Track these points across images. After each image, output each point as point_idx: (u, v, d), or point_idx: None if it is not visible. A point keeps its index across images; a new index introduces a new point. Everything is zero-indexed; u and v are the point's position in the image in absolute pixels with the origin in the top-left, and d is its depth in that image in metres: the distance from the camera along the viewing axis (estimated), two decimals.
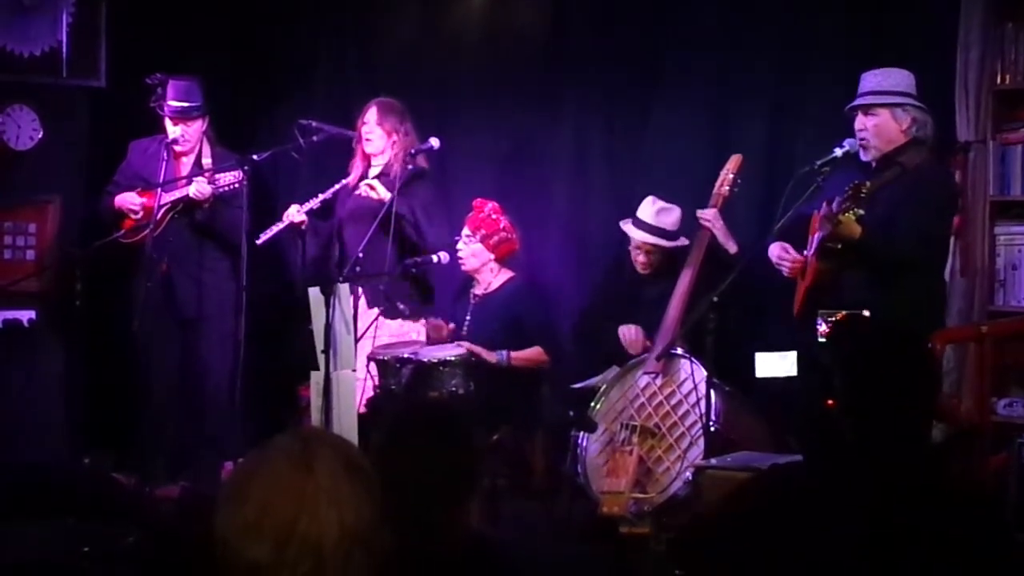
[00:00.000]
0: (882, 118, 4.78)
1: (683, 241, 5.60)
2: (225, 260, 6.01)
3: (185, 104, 5.93)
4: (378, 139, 5.87)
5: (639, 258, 5.68)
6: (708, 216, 5.41)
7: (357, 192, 5.92)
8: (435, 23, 6.76)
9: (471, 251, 5.80)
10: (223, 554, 1.82)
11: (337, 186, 5.95)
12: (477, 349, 5.53)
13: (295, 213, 5.86)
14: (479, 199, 5.86)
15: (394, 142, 5.86)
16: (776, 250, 4.96)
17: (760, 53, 5.91)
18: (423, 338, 5.81)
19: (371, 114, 5.88)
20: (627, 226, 5.67)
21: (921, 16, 5.45)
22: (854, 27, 5.65)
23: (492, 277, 5.86)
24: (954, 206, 5.02)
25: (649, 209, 5.64)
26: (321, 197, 5.91)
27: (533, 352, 5.68)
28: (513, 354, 5.60)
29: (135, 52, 6.44)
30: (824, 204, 4.66)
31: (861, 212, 4.52)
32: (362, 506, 1.84)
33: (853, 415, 2.55)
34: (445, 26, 6.73)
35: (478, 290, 5.89)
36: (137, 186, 6.01)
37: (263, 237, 5.85)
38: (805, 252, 4.88)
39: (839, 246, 4.62)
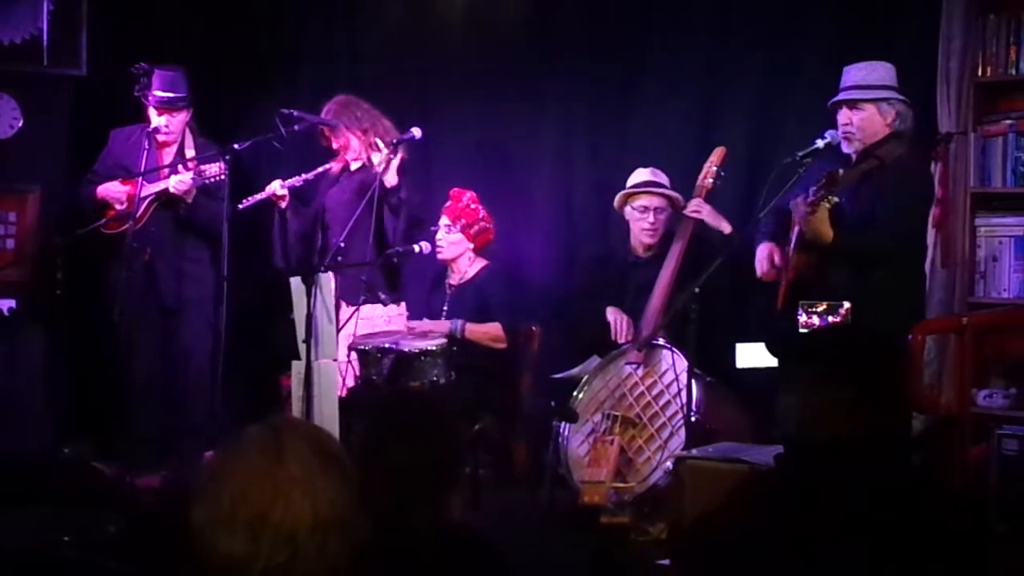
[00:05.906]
0: (868, 112, 4.80)
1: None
2: (207, 250, 6.01)
3: (171, 95, 5.91)
4: (342, 140, 5.93)
5: (646, 221, 5.61)
6: (695, 206, 5.42)
7: (340, 181, 5.94)
8: (419, 13, 6.74)
9: (450, 240, 5.79)
10: (200, 545, 1.82)
11: (321, 169, 5.98)
12: (425, 324, 5.60)
13: (277, 187, 5.93)
14: (456, 189, 5.87)
15: (357, 135, 5.89)
16: (764, 250, 4.97)
17: (744, 45, 5.90)
18: (399, 325, 5.84)
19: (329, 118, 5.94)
20: (636, 194, 5.64)
21: (903, 7, 5.46)
22: (837, 19, 5.66)
23: (468, 266, 5.86)
24: (931, 200, 5.05)
25: (643, 172, 5.66)
26: (304, 176, 5.98)
27: (490, 327, 5.69)
28: (468, 326, 5.62)
29: (116, 41, 6.43)
30: (801, 197, 4.68)
31: (836, 200, 4.55)
32: (337, 495, 1.84)
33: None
34: (429, 16, 6.72)
35: (453, 280, 5.89)
36: (118, 175, 5.98)
37: (245, 203, 5.91)
38: (787, 248, 4.90)
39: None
